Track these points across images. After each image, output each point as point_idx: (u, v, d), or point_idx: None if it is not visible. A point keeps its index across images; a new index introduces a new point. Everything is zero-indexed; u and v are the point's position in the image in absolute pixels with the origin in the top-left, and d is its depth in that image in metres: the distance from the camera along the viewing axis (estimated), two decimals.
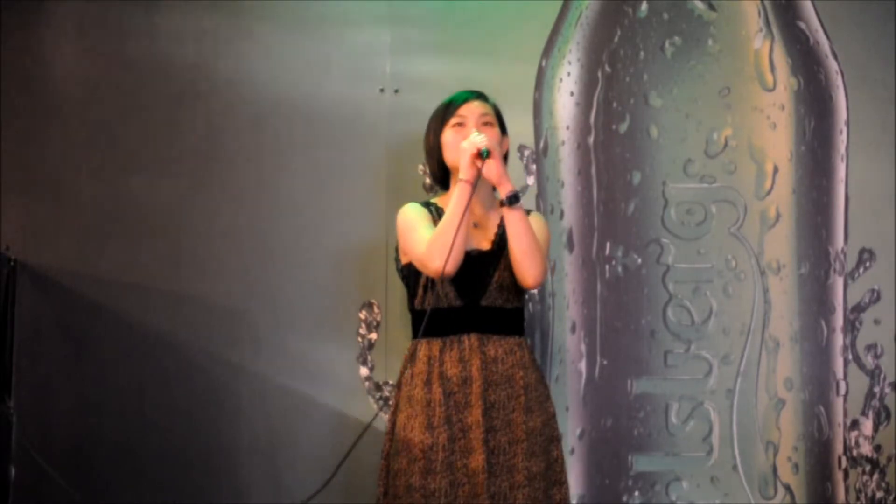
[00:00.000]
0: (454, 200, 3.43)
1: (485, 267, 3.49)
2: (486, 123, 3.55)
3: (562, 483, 3.50)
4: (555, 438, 3.51)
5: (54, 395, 4.10)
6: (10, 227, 4.13)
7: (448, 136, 3.55)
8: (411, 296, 3.57)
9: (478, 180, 3.44)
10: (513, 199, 3.43)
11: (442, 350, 3.47)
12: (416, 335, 3.53)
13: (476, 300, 3.49)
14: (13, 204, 4.14)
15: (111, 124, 4.17)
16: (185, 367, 4.09)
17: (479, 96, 3.60)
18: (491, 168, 3.43)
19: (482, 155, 3.42)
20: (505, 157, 3.66)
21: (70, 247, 4.14)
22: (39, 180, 4.16)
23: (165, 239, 4.14)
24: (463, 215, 3.40)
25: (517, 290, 3.52)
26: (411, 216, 3.55)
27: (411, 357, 3.52)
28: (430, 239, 3.43)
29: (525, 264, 3.44)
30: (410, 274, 3.54)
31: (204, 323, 4.11)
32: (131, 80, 4.18)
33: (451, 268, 3.40)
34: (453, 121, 3.56)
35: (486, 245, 3.54)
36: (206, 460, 4.07)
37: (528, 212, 3.59)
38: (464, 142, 3.47)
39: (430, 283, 3.48)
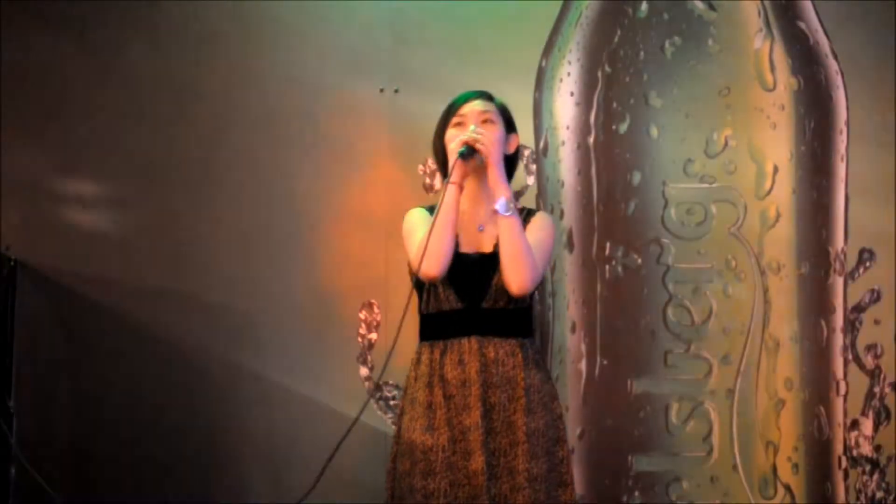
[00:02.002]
0: (439, 203, 3.41)
1: (485, 269, 3.48)
2: (486, 121, 3.52)
3: (567, 484, 3.48)
4: (560, 439, 3.49)
5: (54, 395, 4.10)
6: (10, 227, 4.13)
7: (449, 136, 3.53)
8: (419, 299, 3.56)
9: (464, 180, 3.42)
10: (504, 207, 3.41)
11: (443, 353, 3.47)
12: (421, 338, 3.53)
13: (477, 302, 3.48)
14: (13, 204, 4.14)
15: (111, 124, 4.17)
16: (185, 367, 4.09)
17: (482, 95, 3.57)
18: (490, 174, 3.41)
19: (462, 154, 3.39)
20: (515, 155, 3.62)
21: (70, 247, 4.14)
22: (39, 180, 4.16)
23: (165, 239, 4.14)
24: (437, 216, 3.37)
25: None
26: (411, 221, 3.54)
27: (416, 360, 3.52)
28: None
29: (509, 271, 3.41)
30: (417, 278, 3.54)
31: (204, 323, 4.11)
32: (131, 80, 4.18)
33: (430, 269, 3.37)
34: (454, 120, 3.53)
35: (488, 248, 3.53)
36: (206, 460, 4.07)
37: (532, 211, 3.57)
38: (452, 143, 3.45)
39: (433, 286, 3.47)
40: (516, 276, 3.40)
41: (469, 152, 3.38)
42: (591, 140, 4.11)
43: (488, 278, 3.46)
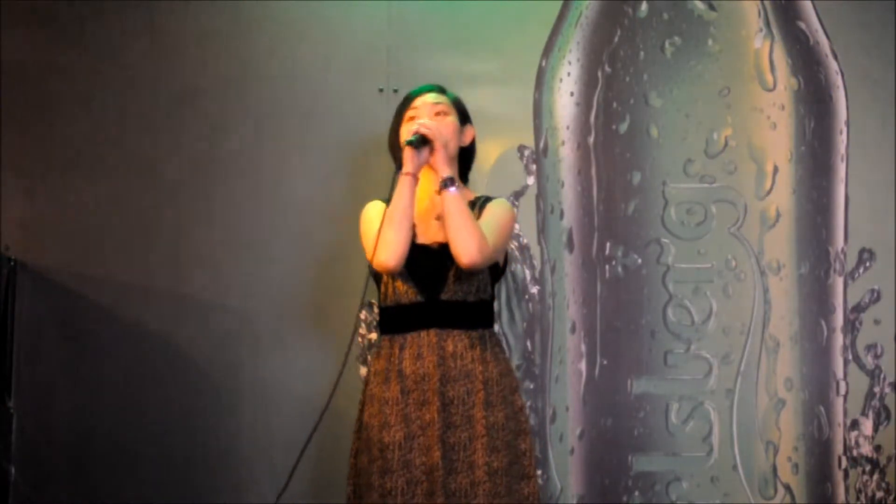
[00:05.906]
0: (395, 193, 3.43)
1: (443, 260, 3.47)
2: (438, 114, 3.54)
3: (529, 477, 3.46)
4: (522, 432, 3.47)
5: (54, 395, 4.10)
6: (10, 227, 4.13)
7: (404, 130, 3.55)
8: (378, 292, 3.56)
9: (419, 170, 3.44)
10: (447, 183, 3.43)
11: (402, 347, 3.46)
12: (381, 332, 3.53)
13: (436, 294, 3.47)
14: (13, 204, 4.14)
15: (111, 124, 4.17)
16: (184, 366, 4.09)
17: (434, 89, 3.60)
18: (430, 156, 3.44)
19: (411, 143, 3.42)
20: (471, 147, 3.62)
21: (70, 247, 4.15)
22: (39, 180, 4.17)
23: (165, 239, 4.14)
24: (390, 207, 3.39)
25: (478, 282, 3.49)
26: (369, 214, 3.55)
27: (376, 354, 3.52)
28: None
29: (455, 241, 3.40)
30: (374, 271, 3.54)
31: (204, 323, 4.11)
32: (131, 79, 4.18)
33: (387, 261, 3.38)
34: (408, 114, 3.56)
35: (445, 238, 3.52)
36: (205, 460, 4.08)
37: (489, 199, 3.57)
38: (403, 135, 3.48)
39: (392, 278, 3.48)
40: (463, 245, 3.40)
41: (419, 141, 3.42)
42: (591, 140, 4.11)
43: (446, 269, 3.46)
